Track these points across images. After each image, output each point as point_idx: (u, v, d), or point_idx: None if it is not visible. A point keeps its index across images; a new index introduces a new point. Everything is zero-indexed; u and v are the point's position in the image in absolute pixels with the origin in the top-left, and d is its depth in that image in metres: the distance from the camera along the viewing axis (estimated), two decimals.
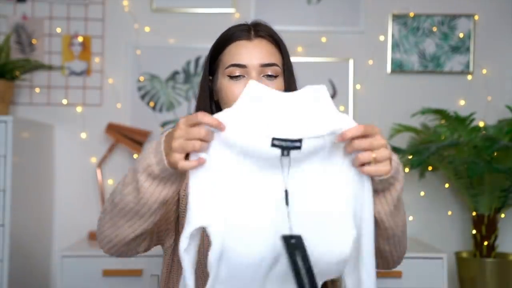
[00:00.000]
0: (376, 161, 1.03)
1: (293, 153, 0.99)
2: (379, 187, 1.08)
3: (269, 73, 1.32)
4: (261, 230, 1.00)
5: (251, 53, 1.32)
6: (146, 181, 1.07)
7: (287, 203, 1.01)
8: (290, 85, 1.37)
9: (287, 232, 0.98)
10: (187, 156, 1.02)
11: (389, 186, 1.09)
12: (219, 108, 1.40)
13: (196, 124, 1.00)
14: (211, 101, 1.41)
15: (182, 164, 1.00)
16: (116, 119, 2.76)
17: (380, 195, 1.10)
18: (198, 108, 1.41)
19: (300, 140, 0.99)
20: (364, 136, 1.02)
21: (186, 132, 1.00)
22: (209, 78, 1.41)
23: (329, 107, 1.03)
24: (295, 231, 0.99)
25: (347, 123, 1.01)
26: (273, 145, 0.99)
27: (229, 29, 1.38)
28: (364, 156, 1.02)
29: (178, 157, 1.01)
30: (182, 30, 2.80)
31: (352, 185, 1.04)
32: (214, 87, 1.40)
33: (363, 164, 1.03)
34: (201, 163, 1.00)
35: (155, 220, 1.14)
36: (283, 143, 0.98)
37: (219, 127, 0.99)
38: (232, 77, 1.32)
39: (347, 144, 1.03)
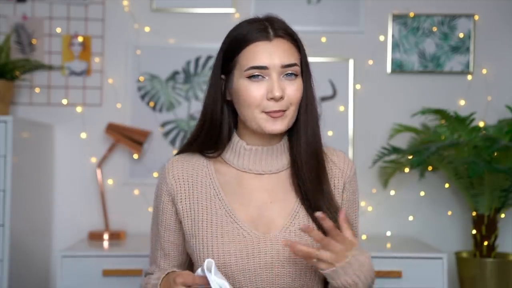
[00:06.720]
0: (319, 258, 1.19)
1: None
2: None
3: (290, 72, 1.31)
4: None
5: (272, 54, 1.29)
6: None
7: None
8: (307, 82, 1.35)
9: None
10: None
11: None
12: (231, 109, 1.38)
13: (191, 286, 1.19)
14: (222, 101, 1.37)
15: None
16: (116, 119, 2.76)
17: None
18: (207, 108, 1.37)
19: None
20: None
21: None
22: (222, 77, 1.36)
23: None
24: None
25: None
26: None
27: (243, 27, 1.33)
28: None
29: None
30: (182, 30, 2.80)
31: None
32: (228, 87, 1.35)
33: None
34: None
35: None
36: None
37: None
38: (252, 78, 1.29)
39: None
